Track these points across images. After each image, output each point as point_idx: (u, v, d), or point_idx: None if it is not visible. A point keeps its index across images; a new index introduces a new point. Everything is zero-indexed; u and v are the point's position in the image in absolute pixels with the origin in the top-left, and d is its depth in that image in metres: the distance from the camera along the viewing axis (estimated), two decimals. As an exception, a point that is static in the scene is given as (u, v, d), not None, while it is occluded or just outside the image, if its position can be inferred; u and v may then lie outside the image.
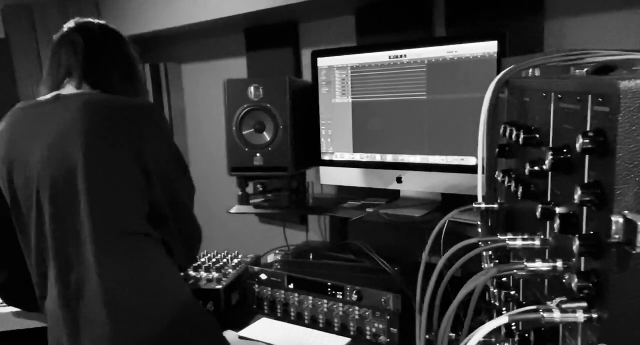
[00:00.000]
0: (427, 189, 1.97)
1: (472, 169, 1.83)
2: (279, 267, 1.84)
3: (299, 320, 1.76)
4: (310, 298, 1.73)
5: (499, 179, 0.97)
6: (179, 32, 2.82)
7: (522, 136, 0.82)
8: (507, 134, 0.89)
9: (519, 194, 0.84)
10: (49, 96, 1.42)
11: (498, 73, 1.67)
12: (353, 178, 2.12)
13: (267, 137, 2.12)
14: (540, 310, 0.64)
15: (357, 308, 1.64)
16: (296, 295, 1.76)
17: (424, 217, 1.90)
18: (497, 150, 0.98)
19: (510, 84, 0.97)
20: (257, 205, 2.15)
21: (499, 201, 1.03)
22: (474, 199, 1.88)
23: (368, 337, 1.63)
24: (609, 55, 0.90)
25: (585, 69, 0.87)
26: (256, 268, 1.85)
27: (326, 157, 2.15)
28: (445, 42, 1.83)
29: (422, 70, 1.86)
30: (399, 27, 2.12)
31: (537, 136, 0.80)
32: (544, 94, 0.78)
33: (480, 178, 1.04)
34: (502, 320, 0.64)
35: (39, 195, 1.34)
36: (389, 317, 1.58)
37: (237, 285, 1.96)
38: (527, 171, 0.78)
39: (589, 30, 1.75)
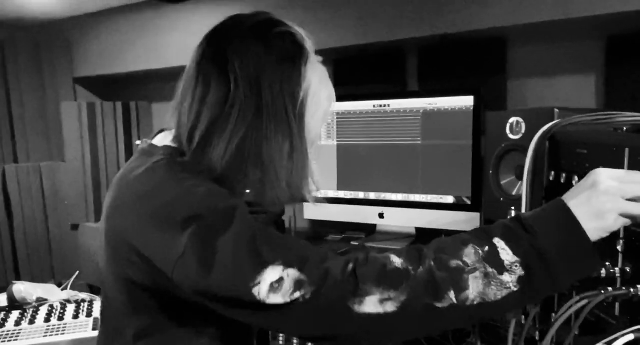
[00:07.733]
0: (406, 223, 2.05)
1: (449, 207, 1.94)
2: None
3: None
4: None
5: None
6: (150, 73, 2.77)
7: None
8: (563, 179, 0.98)
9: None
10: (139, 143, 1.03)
11: (475, 123, 1.84)
12: (335, 213, 2.16)
13: (258, 174, 2.12)
14: None
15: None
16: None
17: (405, 249, 1.97)
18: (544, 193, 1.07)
19: (556, 136, 1.06)
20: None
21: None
22: (449, 233, 2.01)
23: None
24: (634, 116, 1.03)
25: (625, 128, 1.00)
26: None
27: (311, 194, 2.18)
28: (427, 95, 1.94)
29: (416, 118, 1.95)
30: (374, 79, 2.22)
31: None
32: (615, 148, 0.87)
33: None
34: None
35: None
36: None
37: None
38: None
39: (545, 90, 1.92)
